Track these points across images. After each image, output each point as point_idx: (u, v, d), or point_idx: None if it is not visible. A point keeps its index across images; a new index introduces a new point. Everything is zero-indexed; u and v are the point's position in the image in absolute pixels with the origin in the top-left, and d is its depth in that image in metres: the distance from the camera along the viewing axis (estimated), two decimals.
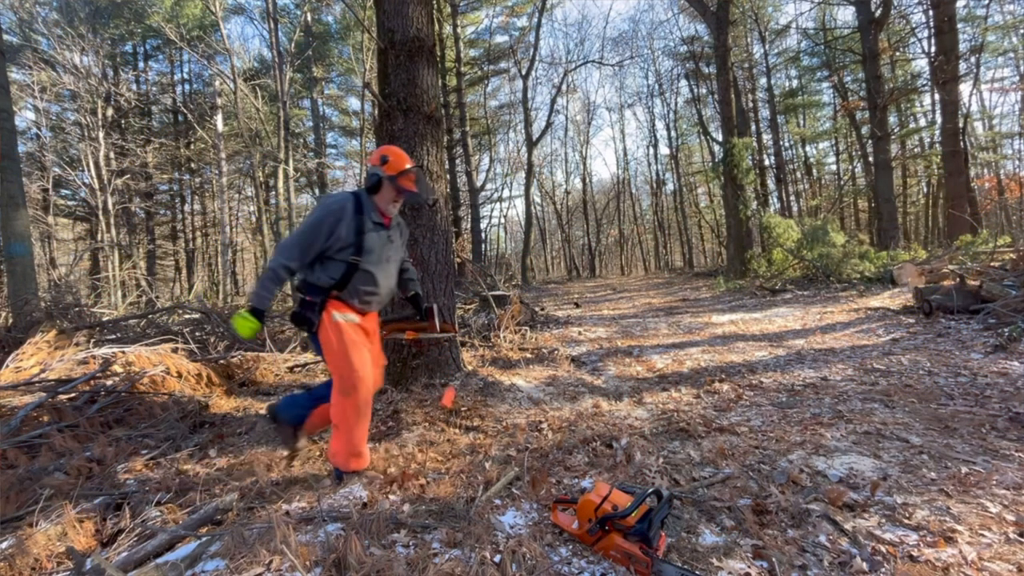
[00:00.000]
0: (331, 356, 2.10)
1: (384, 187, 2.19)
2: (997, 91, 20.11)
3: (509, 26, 22.19)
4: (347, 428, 2.13)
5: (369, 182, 2.20)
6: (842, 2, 15.40)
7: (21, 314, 5.75)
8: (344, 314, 2.12)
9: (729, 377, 3.78)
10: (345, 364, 2.07)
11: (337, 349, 2.08)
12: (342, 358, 2.08)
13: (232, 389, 4.37)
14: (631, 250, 35.29)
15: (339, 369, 2.09)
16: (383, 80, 3.39)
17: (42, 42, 15.86)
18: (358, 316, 2.18)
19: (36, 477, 2.44)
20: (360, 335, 2.16)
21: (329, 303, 2.11)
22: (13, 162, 6.62)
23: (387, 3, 3.33)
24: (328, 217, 2.07)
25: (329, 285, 2.10)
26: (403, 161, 2.21)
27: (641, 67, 32.81)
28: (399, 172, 2.18)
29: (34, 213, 14.28)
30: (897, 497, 1.82)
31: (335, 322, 2.08)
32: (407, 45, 3.30)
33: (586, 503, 1.60)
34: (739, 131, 14.37)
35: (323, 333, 2.10)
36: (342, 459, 2.17)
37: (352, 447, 2.15)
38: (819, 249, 9.90)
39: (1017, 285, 4.97)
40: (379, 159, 2.21)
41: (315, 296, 2.10)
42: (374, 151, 2.30)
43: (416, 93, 3.33)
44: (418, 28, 3.35)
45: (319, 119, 21.46)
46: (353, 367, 2.07)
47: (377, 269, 2.17)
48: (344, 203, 2.11)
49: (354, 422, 2.13)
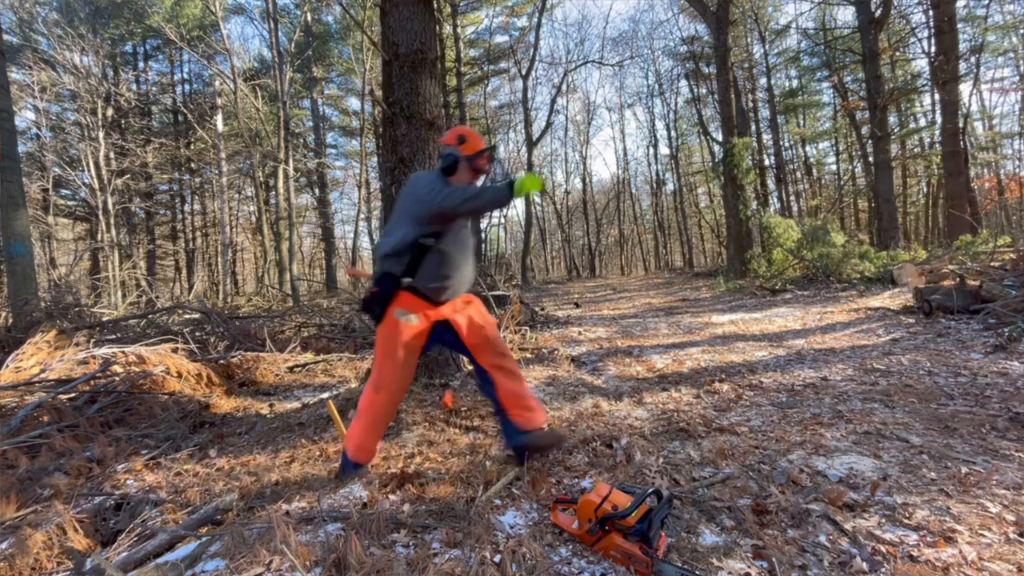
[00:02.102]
0: (377, 349, 2.10)
1: (461, 167, 2.16)
2: (997, 91, 20.12)
3: (509, 26, 22.21)
4: (366, 420, 2.13)
5: (446, 162, 2.16)
6: (842, 2, 15.40)
7: (21, 314, 5.75)
8: (407, 313, 2.06)
9: (729, 377, 3.78)
10: (383, 364, 2.07)
11: (383, 347, 2.07)
12: (384, 358, 2.07)
13: (232, 389, 4.38)
14: (631, 250, 35.30)
15: (378, 365, 2.09)
16: (387, 88, 3.50)
17: (42, 42, 15.86)
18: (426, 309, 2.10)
19: (36, 477, 2.44)
20: (417, 337, 2.10)
21: (398, 296, 2.06)
22: (13, 162, 6.62)
23: (392, 19, 3.45)
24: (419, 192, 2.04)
25: (400, 273, 2.05)
26: (479, 141, 2.18)
27: (641, 67, 32.86)
28: (477, 152, 2.16)
29: (34, 213, 14.28)
30: (897, 497, 1.82)
31: (393, 320, 2.05)
32: (411, 57, 3.42)
33: (586, 503, 1.60)
34: (739, 131, 14.37)
35: (382, 326, 2.08)
36: (351, 447, 2.17)
37: (362, 439, 2.15)
38: (819, 249, 9.90)
39: (1017, 285, 4.97)
40: (455, 139, 2.17)
41: (386, 286, 2.06)
42: (448, 132, 2.24)
43: (419, 101, 3.44)
44: (421, 42, 3.47)
45: (319, 119, 21.45)
46: (393, 369, 2.06)
47: (457, 252, 2.12)
48: (426, 175, 2.10)
49: (373, 418, 2.13)
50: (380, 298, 2.06)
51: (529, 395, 2.22)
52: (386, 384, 2.08)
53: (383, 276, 2.07)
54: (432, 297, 2.09)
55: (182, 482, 2.42)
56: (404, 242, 2.04)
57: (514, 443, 2.17)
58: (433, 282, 2.07)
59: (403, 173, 3.50)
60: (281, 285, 15.15)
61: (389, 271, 2.06)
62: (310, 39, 18.36)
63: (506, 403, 2.17)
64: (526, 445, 2.13)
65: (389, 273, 2.06)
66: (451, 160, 2.15)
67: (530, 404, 2.19)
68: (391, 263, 2.06)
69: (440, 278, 2.07)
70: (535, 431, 2.16)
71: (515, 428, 2.16)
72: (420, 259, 2.04)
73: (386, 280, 2.06)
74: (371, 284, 2.11)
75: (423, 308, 2.09)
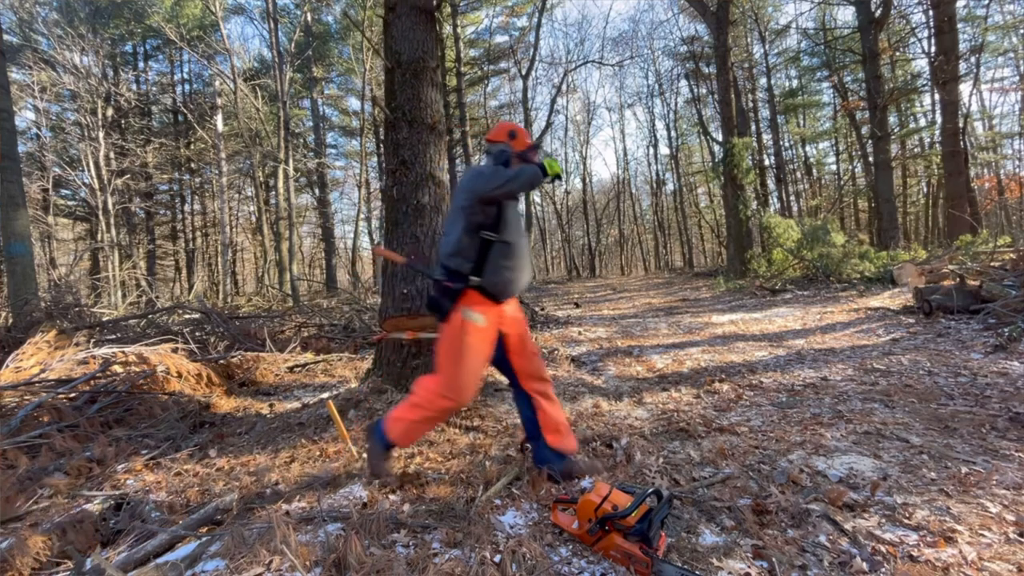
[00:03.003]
0: (444, 352, 2.01)
1: (513, 163, 2.17)
2: (997, 91, 20.11)
3: (509, 26, 22.20)
4: (423, 416, 2.05)
5: (500, 159, 2.16)
6: (842, 2, 15.40)
7: (21, 314, 5.75)
8: (475, 312, 2.00)
9: (729, 377, 3.78)
10: (450, 369, 1.99)
11: (449, 350, 1.99)
12: (450, 362, 1.99)
13: (232, 389, 4.38)
14: (631, 250, 35.30)
15: (444, 371, 2.00)
16: (389, 94, 3.59)
17: (42, 42, 15.86)
18: (491, 310, 2.04)
19: (36, 477, 2.44)
20: (484, 340, 2.04)
21: (465, 294, 2.01)
22: (13, 162, 6.62)
23: (394, 29, 3.54)
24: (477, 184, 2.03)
25: (469, 270, 2.00)
26: (527, 136, 2.21)
27: (641, 67, 32.83)
28: (528, 148, 2.18)
29: (34, 213, 14.28)
30: (897, 497, 1.82)
31: (460, 320, 1.99)
32: (412, 65, 3.52)
33: (586, 503, 1.60)
34: (739, 131, 14.37)
35: (448, 326, 2.01)
36: (395, 428, 2.07)
37: (411, 430, 2.08)
38: (819, 249, 9.90)
39: (1017, 285, 4.97)
40: (507, 135, 2.19)
41: (455, 282, 2.01)
42: (495, 128, 2.24)
43: (420, 107, 3.52)
44: (423, 51, 3.56)
45: (319, 119, 21.44)
46: (461, 375, 1.99)
47: (519, 240, 2.11)
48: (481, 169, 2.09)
49: (431, 417, 2.07)
50: (449, 294, 2.01)
51: (565, 419, 2.21)
52: (455, 393, 2.00)
53: (452, 273, 2.02)
54: (498, 293, 2.04)
55: (182, 482, 2.42)
56: (464, 238, 2.02)
57: (553, 467, 2.11)
58: (499, 276, 2.02)
59: (404, 175, 3.52)
60: (281, 285, 15.15)
61: (457, 268, 2.01)
62: (310, 39, 18.36)
63: (546, 429, 2.13)
64: (564, 471, 2.10)
65: (457, 271, 2.01)
66: (505, 156, 2.17)
67: (566, 428, 2.19)
68: (457, 261, 2.02)
69: (506, 270, 2.03)
70: (572, 456, 2.15)
71: (553, 452, 2.12)
72: (486, 254, 2.01)
73: (456, 277, 2.01)
74: (436, 279, 2.07)
75: (489, 309, 2.04)
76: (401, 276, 3.54)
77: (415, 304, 3.48)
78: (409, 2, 3.52)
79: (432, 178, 3.58)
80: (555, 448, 2.12)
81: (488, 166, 2.14)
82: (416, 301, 3.49)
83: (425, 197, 3.54)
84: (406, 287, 3.51)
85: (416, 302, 3.49)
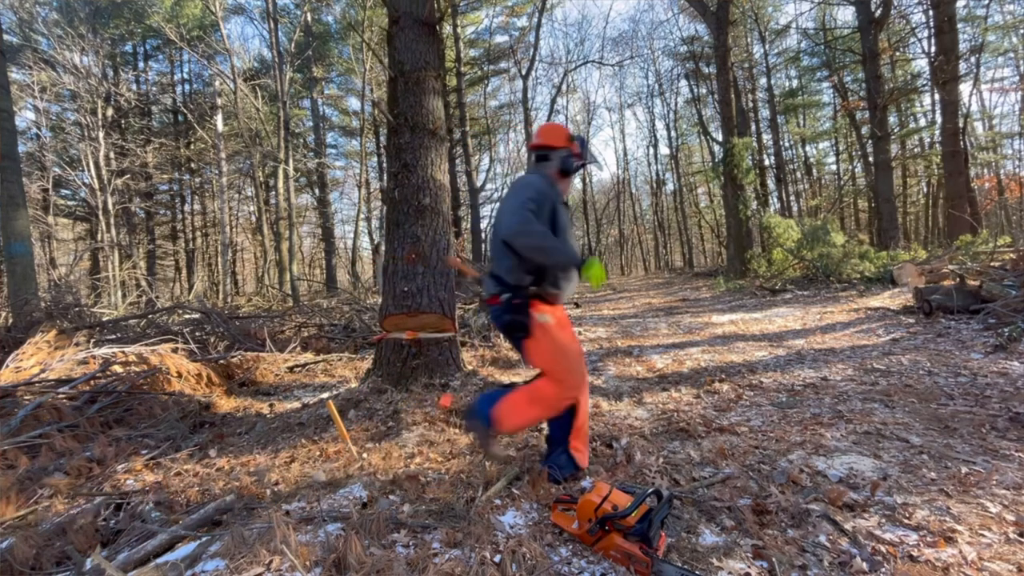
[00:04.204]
0: (546, 360, 2.00)
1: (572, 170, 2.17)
2: (997, 91, 20.09)
3: (509, 26, 22.18)
4: (539, 410, 2.03)
5: (565, 164, 2.14)
6: (842, 2, 15.40)
7: (21, 314, 5.75)
8: (543, 315, 2.00)
9: (729, 377, 3.78)
10: (563, 367, 1.99)
11: (550, 352, 1.99)
12: (558, 360, 1.99)
13: (232, 389, 4.38)
14: (631, 250, 35.30)
15: (556, 373, 2.00)
16: (392, 101, 3.72)
17: (42, 42, 15.86)
18: (552, 311, 2.05)
19: (36, 477, 2.44)
20: (565, 330, 2.05)
21: (532, 304, 2.00)
22: (13, 162, 6.62)
23: (398, 41, 3.68)
24: (545, 199, 1.98)
25: (530, 282, 1.98)
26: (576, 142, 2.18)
27: (641, 67, 32.84)
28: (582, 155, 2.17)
29: (34, 213, 14.27)
30: (897, 497, 1.82)
31: (542, 325, 1.97)
32: (415, 75, 3.64)
33: (586, 503, 1.60)
34: (739, 131, 14.37)
35: (534, 340, 1.99)
36: (508, 418, 2.02)
37: (522, 421, 2.05)
38: (819, 249, 9.90)
39: (1017, 285, 4.96)
40: (569, 140, 2.15)
41: (521, 297, 1.99)
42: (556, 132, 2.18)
43: (422, 113, 3.64)
44: (425, 61, 3.69)
45: (319, 119, 21.44)
46: (571, 370, 2.00)
47: None
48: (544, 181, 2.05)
49: (546, 411, 2.05)
50: (523, 309, 1.99)
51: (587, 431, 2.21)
52: (573, 388, 2.00)
53: (515, 288, 2.00)
54: (554, 299, 2.06)
55: (182, 482, 2.42)
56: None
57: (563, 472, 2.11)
58: (557, 285, 2.04)
59: (406, 178, 3.60)
60: (281, 285, 15.16)
61: (518, 283, 2.00)
62: (310, 39, 18.35)
63: (576, 434, 2.13)
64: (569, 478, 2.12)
65: (519, 285, 2.00)
66: (570, 164, 2.14)
67: (587, 441, 2.21)
68: (519, 275, 2.00)
69: (562, 279, 2.05)
70: (583, 470, 2.16)
71: (570, 459, 2.11)
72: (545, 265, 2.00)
73: (519, 291, 2.00)
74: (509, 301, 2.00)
75: (550, 310, 2.05)
76: (402, 274, 3.55)
77: (415, 302, 3.49)
78: (412, 16, 3.66)
79: (433, 180, 3.66)
80: (573, 456, 2.13)
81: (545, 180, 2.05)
82: (416, 299, 3.50)
83: (426, 199, 3.60)
84: (406, 285, 3.53)
85: (416, 300, 3.50)
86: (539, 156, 2.17)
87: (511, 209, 1.96)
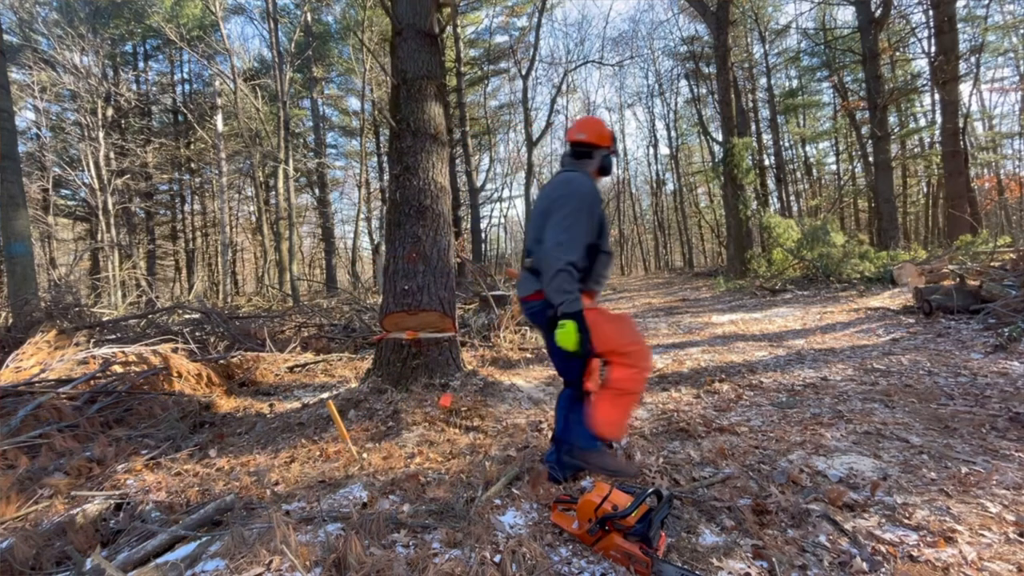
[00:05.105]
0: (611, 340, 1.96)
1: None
2: (997, 91, 20.09)
3: (509, 26, 22.17)
4: (631, 399, 1.99)
5: (606, 162, 2.14)
6: (842, 2, 15.39)
7: (21, 314, 5.75)
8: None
9: (729, 377, 3.78)
10: (629, 339, 1.96)
11: (612, 331, 1.96)
12: (619, 334, 1.96)
13: (232, 389, 4.38)
14: (631, 250, 35.29)
15: (624, 346, 1.95)
16: (395, 107, 3.82)
17: (42, 42, 15.86)
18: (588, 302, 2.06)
19: (36, 477, 2.44)
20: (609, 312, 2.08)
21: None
22: (13, 162, 6.62)
23: (401, 50, 3.80)
24: (596, 204, 1.98)
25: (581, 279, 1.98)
26: None
27: (641, 67, 32.88)
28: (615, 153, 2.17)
29: (34, 213, 14.27)
30: (897, 497, 1.82)
31: (591, 311, 1.97)
32: (417, 83, 3.74)
33: (586, 503, 1.60)
34: (739, 131, 14.36)
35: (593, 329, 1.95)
36: (614, 430, 2.00)
37: (622, 417, 2.00)
38: (819, 249, 9.89)
39: (1017, 285, 4.96)
40: (612, 139, 2.14)
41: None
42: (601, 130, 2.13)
43: (424, 119, 3.73)
44: (428, 70, 3.79)
45: (319, 119, 21.44)
46: (634, 338, 1.97)
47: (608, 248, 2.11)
48: (592, 184, 2.03)
49: (638, 397, 2.02)
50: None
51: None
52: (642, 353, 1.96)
53: None
54: (592, 295, 2.11)
55: (182, 482, 2.42)
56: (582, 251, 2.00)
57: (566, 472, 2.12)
58: (599, 284, 2.10)
59: (407, 180, 3.67)
60: (281, 285, 15.16)
61: None
62: (310, 39, 18.35)
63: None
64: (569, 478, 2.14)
65: None
66: (610, 164, 2.16)
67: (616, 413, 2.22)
68: None
69: (603, 277, 2.10)
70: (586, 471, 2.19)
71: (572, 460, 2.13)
72: (594, 264, 2.04)
73: None
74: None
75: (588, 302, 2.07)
76: (402, 273, 3.57)
77: (415, 300, 3.51)
78: (414, 28, 3.78)
79: (434, 183, 3.74)
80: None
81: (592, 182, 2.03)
82: (416, 297, 3.52)
83: (427, 200, 3.67)
84: (407, 283, 3.55)
85: (416, 298, 3.52)
86: (580, 152, 2.13)
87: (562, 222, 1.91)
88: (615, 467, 2.04)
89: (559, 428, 2.17)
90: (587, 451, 2.02)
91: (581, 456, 2.04)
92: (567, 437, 2.08)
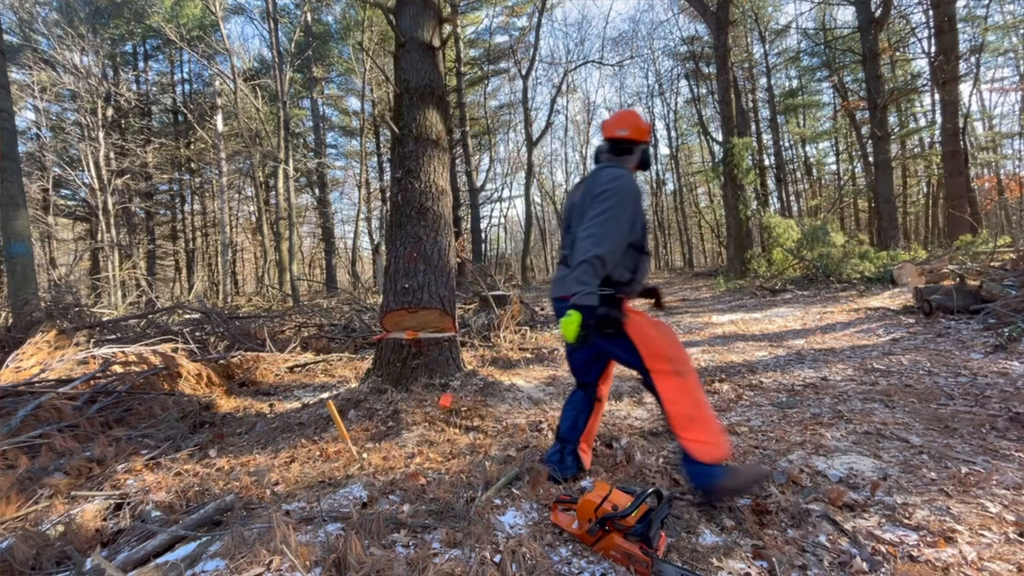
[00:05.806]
0: (650, 346, 1.87)
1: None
2: (997, 91, 20.09)
3: (509, 26, 22.17)
4: (704, 412, 1.83)
5: (645, 156, 2.08)
6: (842, 2, 15.39)
7: (21, 314, 5.75)
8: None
9: (729, 377, 3.78)
10: (669, 346, 1.87)
11: (657, 334, 1.89)
12: (662, 341, 1.87)
13: (232, 389, 4.38)
14: None
15: (664, 352, 1.86)
16: (398, 114, 3.92)
17: (42, 42, 15.85)
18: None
19: (36, 477, 2.44)
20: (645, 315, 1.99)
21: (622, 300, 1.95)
22: (13, 162, 6.62)
23: (404, 61, 3.91)
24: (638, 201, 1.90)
25: (627, 279, 1.93)
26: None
27: (641, 67, 32.85)
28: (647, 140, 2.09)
29: (34, 213, 14.27)
30: (897, 497, 1.82)
31: (633, 313, 1.92)
32: (419, 91, 3.85)
33: (586, 503, 1.60)
34: (739, 131, 14.36)
35: (632, 328, 1.89)
36: (717, 448, 1.79)
37: (715, 434, 1.81)
38: (819, 249, 9.90)
39: (1017, 285, 4.96)
40: (648, 131, 2.07)
41: (619, 292, 1.94)
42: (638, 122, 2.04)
43: (426, 126, 3.83)
44: (430, 79, 3.90)
45: (319, 119, 21.44)
46: (677, 346, 1.90)
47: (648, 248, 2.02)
48: (635, 181, 1.94)
49: (704, 402, 1.85)
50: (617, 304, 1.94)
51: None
52: (682, 358, 1.87)
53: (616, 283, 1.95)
54: (630, 296, 2.04)
55: (182, 482, 2.42)
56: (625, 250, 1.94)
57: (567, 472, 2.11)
58: (641, 284, 2.04)
59: (409, 183, 3.72)
60: (281, 285, 15.16)
61: (620, 279, 1.96)
62: (310, 39, 18.35)
63: (587, 435, 2.17)
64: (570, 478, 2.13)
65: (620, 281, 1.96)
66: (649, 159, 2.11)
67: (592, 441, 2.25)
68: (620, 272, 1.95)
69: (644, 278, 2.04)
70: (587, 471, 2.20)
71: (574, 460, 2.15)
72: (639, 263, 1.98)
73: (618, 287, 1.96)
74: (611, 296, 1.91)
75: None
76: (403, 272, 3.59)
77: (416, 298, 3.54)
78: (417, 40, 3.91)
79: (435, 186, 3.82)
80: (581, 458, 2.16)
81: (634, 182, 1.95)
82: (417, 295, 3.54)
83: (428, 202, 3.73)
84: (407, 282, 3.57)
85: (417, 296, 3.54)
86: (622, 148, 2.05)
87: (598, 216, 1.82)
88: (753, 476, 1.83)
89: (564, 428, 2.17)
90: (716, 483, 1.79)
91: (717, 492, 1.82)
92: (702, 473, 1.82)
